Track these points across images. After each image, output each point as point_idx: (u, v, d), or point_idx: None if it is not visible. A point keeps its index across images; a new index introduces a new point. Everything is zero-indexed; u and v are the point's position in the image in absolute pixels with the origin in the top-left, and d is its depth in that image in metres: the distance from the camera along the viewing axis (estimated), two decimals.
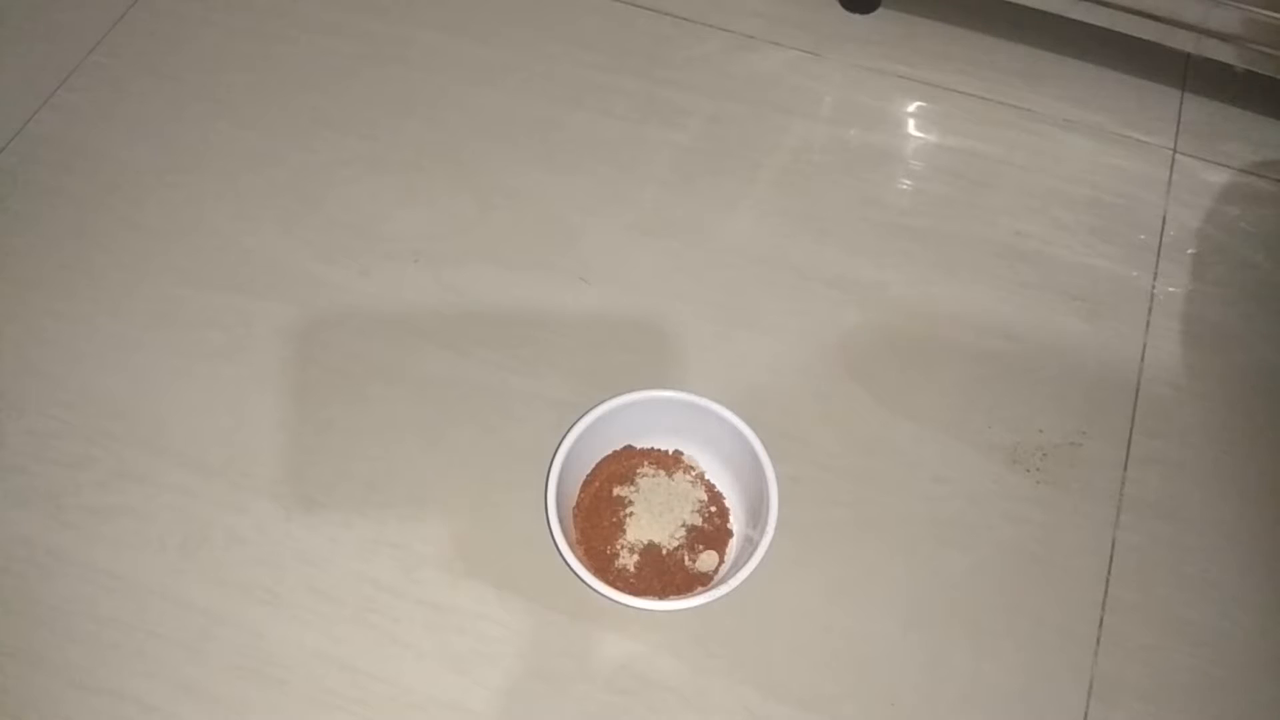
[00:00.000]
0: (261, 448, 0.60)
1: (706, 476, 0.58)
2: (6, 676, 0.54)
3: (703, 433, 0.57)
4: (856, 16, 0.78)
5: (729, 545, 0.56)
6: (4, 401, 0.61)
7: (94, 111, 0.73)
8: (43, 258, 0.67)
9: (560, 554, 0.52)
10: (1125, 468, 0.60)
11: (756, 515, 0.54)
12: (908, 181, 0.71)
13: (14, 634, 0.55)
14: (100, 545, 0.57)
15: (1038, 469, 0.60)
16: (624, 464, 0.58)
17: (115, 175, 0.70)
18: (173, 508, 0.58)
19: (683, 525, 0.56)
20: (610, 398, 0.55)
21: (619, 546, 0.56)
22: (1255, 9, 0.64)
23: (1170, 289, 0.66)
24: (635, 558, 0.55)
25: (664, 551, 0.56)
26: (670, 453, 0.58)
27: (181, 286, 0.65)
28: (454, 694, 0.53)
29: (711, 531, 0.56)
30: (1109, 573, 0.57)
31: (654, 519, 0.56)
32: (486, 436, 0.60)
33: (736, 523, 0.57)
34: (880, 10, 0.78)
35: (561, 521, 0.52)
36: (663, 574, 0.55)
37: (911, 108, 0.74)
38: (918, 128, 0.73)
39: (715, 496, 0.58)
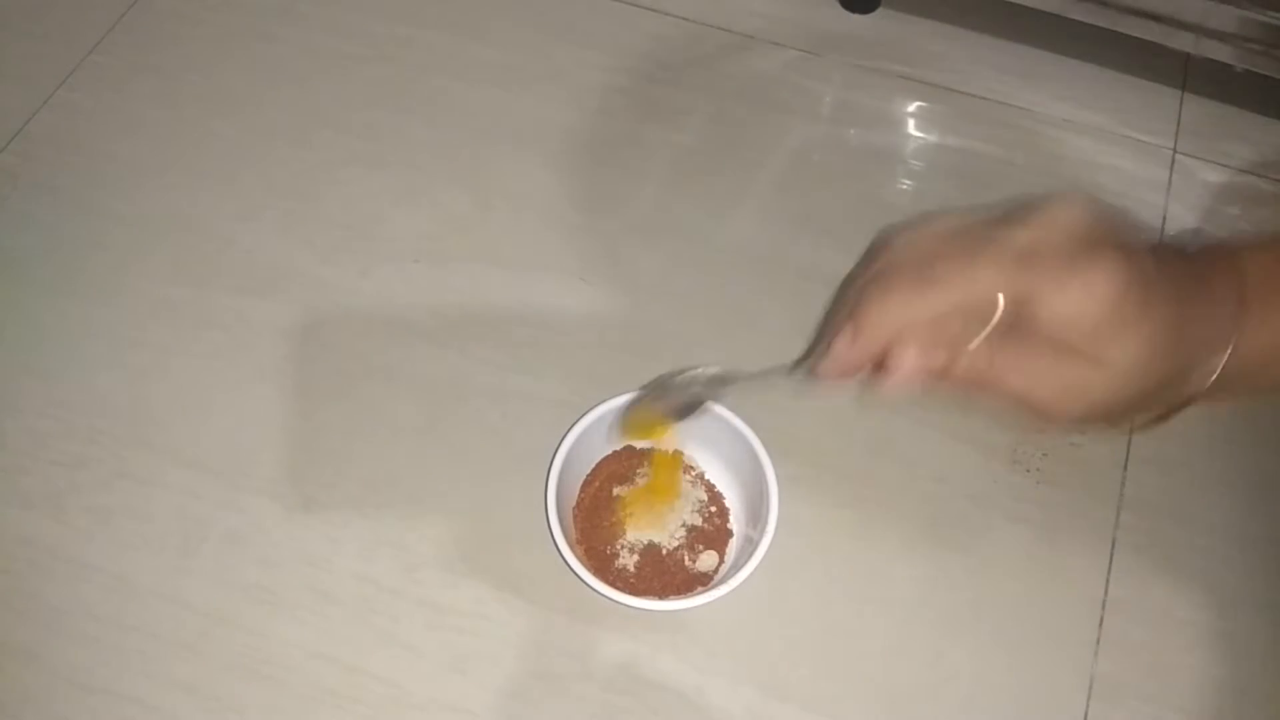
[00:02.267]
0: (261, 448, 0.60)
1: (706, 476, 0.58)
2: (5, 675, 0.54)
3: (703, 433, 0.57)
4: (856, 16, 0.78)
5: (729, 545, 0.56)
6: (4, 401, 0.61)
7: (94, 111, 0.73)
8: (42, 257, 0.67)
9: (560, 554, 0.52)
10: (1125, 468, 0.60)
11: (756, 515, 0.54)
12: (908, 181, 0.71)
13: (13, 633, 0.55)
14: (100, 545, 0.57)
15: (1037, 469, 0.60)
16: (624, 464, 0.58)
17: (115, 175, 0.70)
18: (173, 507, 0.58)
19: (683, 525, 0.56)
20: (610, 398, 0.55)
21: (619, 546, 0.56)
22: (1255, 9, 0.64)
23: None
24: (635, 558, 0.55)
25: (664, 551, 0.56)
26: (670, 453, 0.58)
27: (181, 286, 0.66)
28: (454, 694, 0.53)
29: (711, 531, 0.56)
30: (1109, 573, 0.57)
31: (654, 519, 0.56)
32: (487, 436, 0.60)
33: (736, 523, 0.57)
34: (880, 10, 0.78)
35: (561, 521, 0.52)
36: (663, 574, 0.55)
37: (911, 108, 0.74)
38: (918, 128, 0.73)
39: (715, 496, 0.58)
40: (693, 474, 0.58)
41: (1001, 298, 0.34)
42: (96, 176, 0.70)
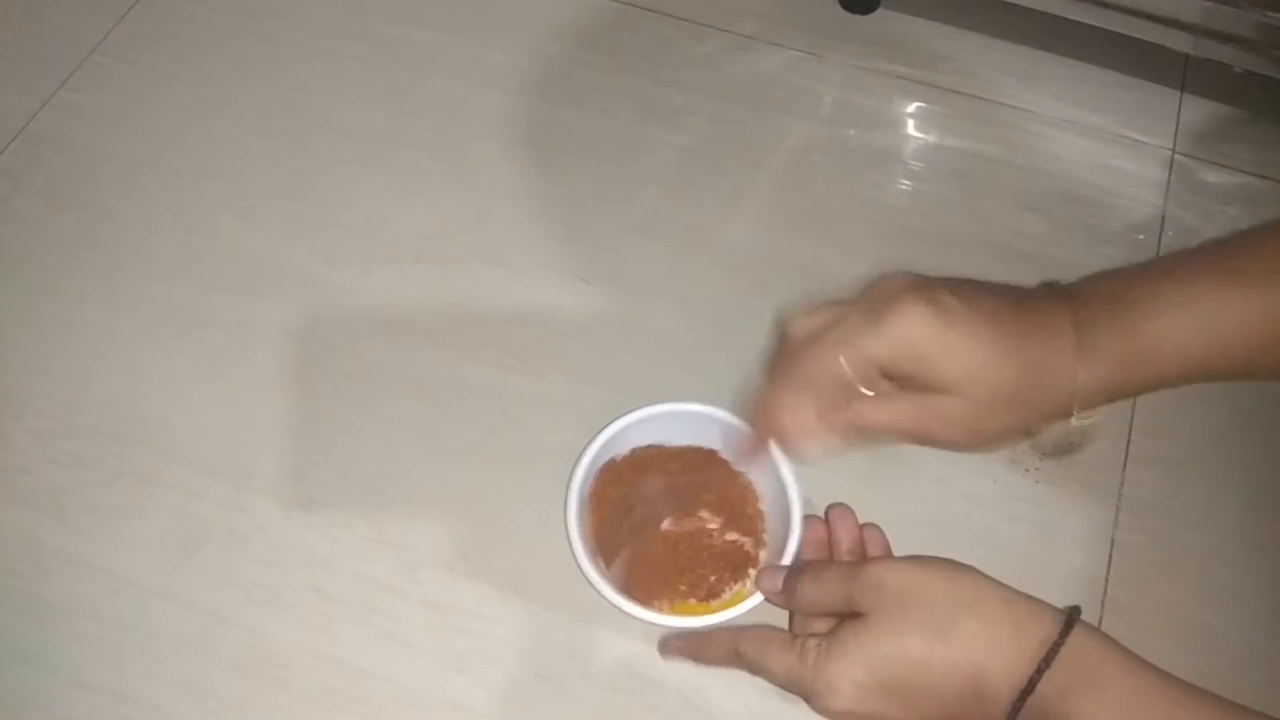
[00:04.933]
0: (262, 448, 0.60)
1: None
2: (7, 676, 0.54)
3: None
4: (856, 17, 0.78)
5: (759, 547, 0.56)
6: (5, 401, 0.61)
7: (95, 112, 0.73)
8: (43, 258, 0.67)
9: (580, 567, 0.51)
10: (1124, 468, 0.60)
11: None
12: (907, 182, 0.71)
13: (15, 633, 0.55)
14: (101, 545, 0.57)
15: (1036, 469, 0.60)
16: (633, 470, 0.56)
17: (116, 176, 0.70)
18: (174, 507, 0.58)
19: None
20: (640, 406, 0.54)
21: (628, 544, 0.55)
22: (1254, 9, 0.64)
23: None
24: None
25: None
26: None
27: (182, 286, 0.66)
28: (454, 694, 0.53)
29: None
30: (1108, 573, 0.57)
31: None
32: (487, 436, 0.60)
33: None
34: (880, 11, 0.78)
35: (581, 535, 0.52)
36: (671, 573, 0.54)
37: (911, 108, 0.74)
38: (917, 128, 0.73)
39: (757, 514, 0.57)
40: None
41: (845, 365, 0.43)
42: (96, 176, 0.70)
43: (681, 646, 0.52)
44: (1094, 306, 0.43)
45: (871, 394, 0.44)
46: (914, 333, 0.42)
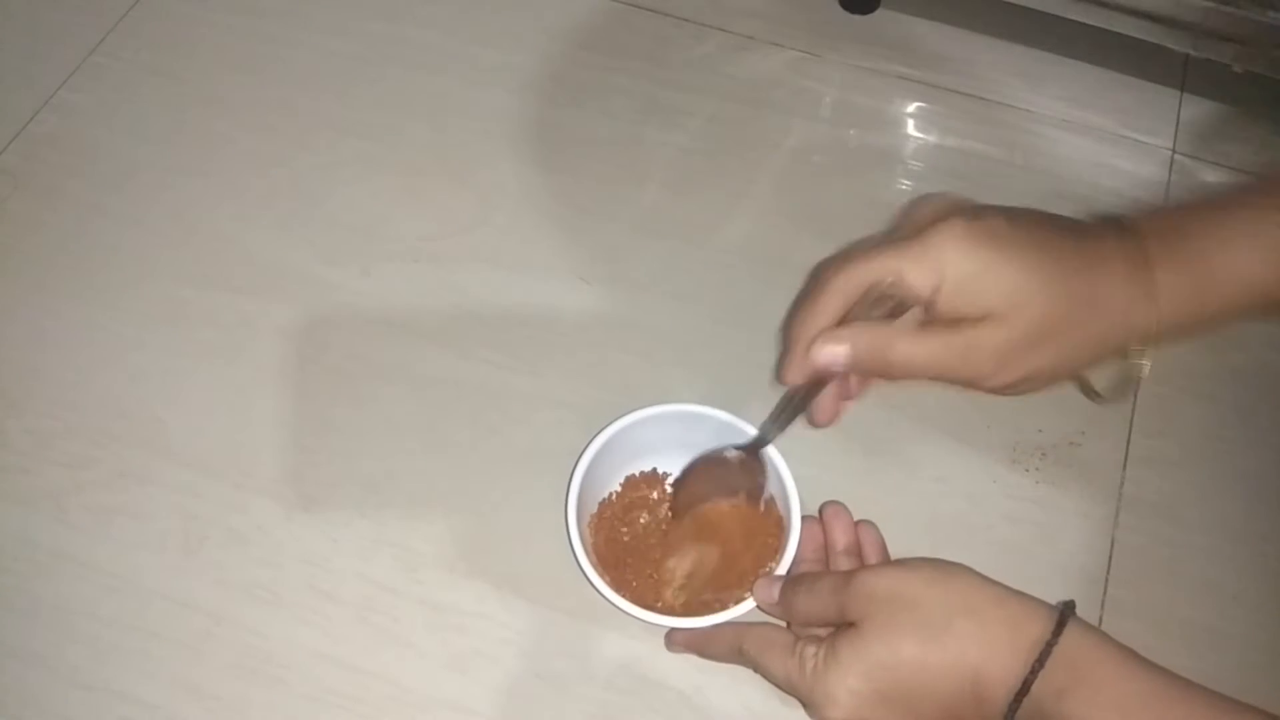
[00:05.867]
0: (262, 448, 0.60)
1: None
2: (7, 676, 0.54)
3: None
4: (856, 17, 0.78)
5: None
6: (5, 401, 0.61)
7: (94, 112, 0.73)
8: (43, 258, 0.67)
9: (578, 562, 0.51)
10: (1124, 468, 0.60)
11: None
12: (907, 182, 0.71)
13: (15, 633, 0.55)
14: (101, 545, 0.57)
15: (1037, 469, 0.60)
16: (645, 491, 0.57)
17: (116, 176, 0.70)
18: (173, 507, 0.58)
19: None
20: (640, 406, 0.54)
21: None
22: (1255, 9, 0.64)
23: None
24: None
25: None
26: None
27: (182, 286, 0.66)
28: (454, 694, 0.53)
29: None
30: (1108, 573, 0.57)
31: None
32: (487, 437, 0.60)
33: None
34: (880, 11, 0.78)
35: (579, 526, 0.52)
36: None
37: (911, 108, 0.74)
38: (917, 128, 0.73)
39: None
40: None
41: (880, 282, 0.41)
42: (97, 177, 0.70)
43: (686, 640, 0.52)
44: (1150, 241, 0.41)
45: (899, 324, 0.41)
46: (957, 252, 0.39)
